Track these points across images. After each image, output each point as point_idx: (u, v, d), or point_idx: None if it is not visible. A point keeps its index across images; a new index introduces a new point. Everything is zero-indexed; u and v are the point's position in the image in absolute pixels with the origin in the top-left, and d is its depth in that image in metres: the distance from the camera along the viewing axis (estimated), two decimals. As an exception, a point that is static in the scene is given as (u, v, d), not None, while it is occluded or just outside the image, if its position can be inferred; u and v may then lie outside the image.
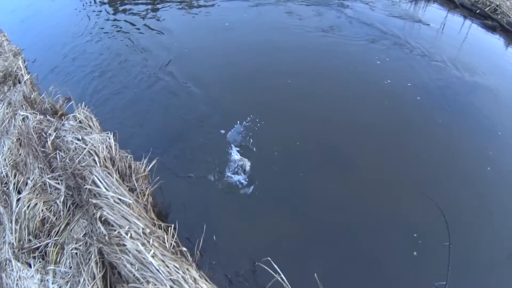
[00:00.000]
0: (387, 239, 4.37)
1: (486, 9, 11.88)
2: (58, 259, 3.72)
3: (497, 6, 11.79)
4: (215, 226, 3.91)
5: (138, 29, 8.10)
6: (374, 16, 10.15)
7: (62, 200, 3.90)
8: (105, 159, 3.81)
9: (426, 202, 4.76)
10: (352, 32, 9.02)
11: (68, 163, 3.97)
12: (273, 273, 3.32)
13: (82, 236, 3.75)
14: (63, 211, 3.88)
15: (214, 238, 3.80)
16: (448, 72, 8.03)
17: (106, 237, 3.48)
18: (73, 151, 3.97)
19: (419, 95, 7.00)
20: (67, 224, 3.87)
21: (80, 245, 3.69)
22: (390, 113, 6.37)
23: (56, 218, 3.86)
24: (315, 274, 3.43)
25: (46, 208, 3.88)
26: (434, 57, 8.52)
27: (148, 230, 3.41)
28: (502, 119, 6.91)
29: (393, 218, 4.61)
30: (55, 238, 3.80)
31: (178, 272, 3.27)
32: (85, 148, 3.88)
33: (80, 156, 3.87)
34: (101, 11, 8.89)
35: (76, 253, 3.66)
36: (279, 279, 3.32)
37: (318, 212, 4.48)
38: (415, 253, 4.23)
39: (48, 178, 4.05)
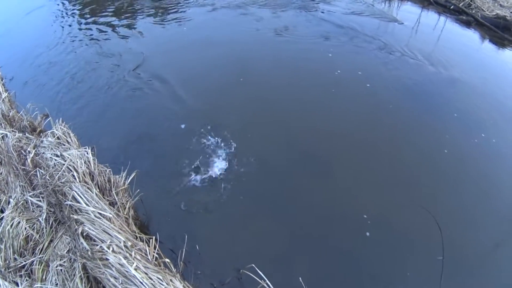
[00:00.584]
0: (369, 240, 4.43)
1: (460, 4, 12.04)
2: (44, 277, 3.77)
3: (471, 1, 11.95)
4: (198, 236, 3.96)
5: (109, 38, 8.11)
6: (348, 18, 10.21)
7: (44, 217, 3.94)
8: (84, 174, 3.84)
9: (406, 200, 4.94)
10: (325, 35, 9.07)
11: (49, 179, 4.00)
12: (258, 279, 3.39)
13: (66, 252, 3.79)
14: (46, 228, 3.92)
15: (198, 247, 3.85)
16: (424, 69, 8.16)
17: (89, 252, 3.53)
18: (52, 167, 4.00)
19: (395, 95, 7.10)
20: (51, 241, 3.91)
21: (64, 262, 3.74)
22: (365, 114, 6.44)
23: (40, 236, 3.90)
24: (300, 278, 3.50)
25: (29, 226, 3.92)
26: (410, 55, 8.64)
27: (129, 243, 3.46)
28: (481, 112, 7.03)
29: (374, 219, 4.66)
30: (39, 256, 3.84)
31: (161, 284, 3.33)
32: (63, 164, 3.91)
33: (60, 173, 3.91)
34: (73, 23, 8.88)
35: (62, 270, 3.71)
36: (265, 285, 3.38)
37: (299, 216, 4.54)
38: (399, 252, 4.34)
39: (30, 196, 4.08)
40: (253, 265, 3.47)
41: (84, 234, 3.61)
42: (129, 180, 3.92)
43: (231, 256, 3.91)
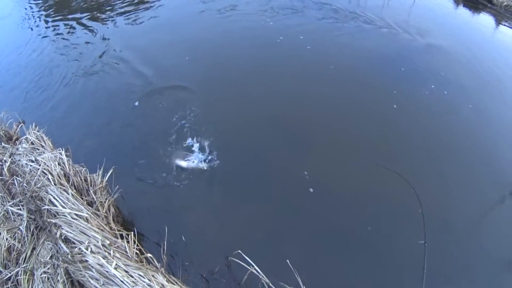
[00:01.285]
0: (353, 213, 4.37)
1: (433, -30, 11.95)
2: (30, 286, 3.69)
3: (444, -35, 11.85)
4: (183, 227, 3.85)
5: (78, 37, 8.03)
6: None
7: (25, 225, 3.85)
8: (59, 177, 3.74)
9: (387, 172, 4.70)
10: (297, 11, 8.98)
11: (26, 186, 3.91)
12: (246, 266, 3.23)
13: (49, 259, 3.69)
14: (27, 236, 3.83)
15: (184, 239, 3.71)
16: (400, 37, 8.15)
17: (69, 256, 3.42)
18: (28, 174, 3.92)
19: (373, 65, 7.04)
20: (33, 248, 3.82)
21: (48, 268, 3.64)
22: (344, 87, 6.39)
23: (22, 245, 3.81)
24: (287, 261, 3.31)
25: (10, 236, 3.84)
26: (384, 24, 8.60)
27: (107, 242, 3.33)
28: (457, 74, 7.06)
29: (357, 192, 4.60)
30: (23, 265, 3.75)
31: (143, 280, 3.19)
32: (38, 169, 3.82)
33: (35, 178, 3.82)
34: (40, 25, 8.79)
35: (47, 277, 3.61)
36: (253, 271, 3.22)
37: (283, 196, 4.45)
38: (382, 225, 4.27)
39: (10, 206, 4.01)
40: (239, 251, 3.32)
41: (63, 237, 3.51)
42: (106, 177, 3.80)
43: (219, 243, 3.80)
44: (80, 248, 3.34)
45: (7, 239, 3.82)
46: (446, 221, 4.39)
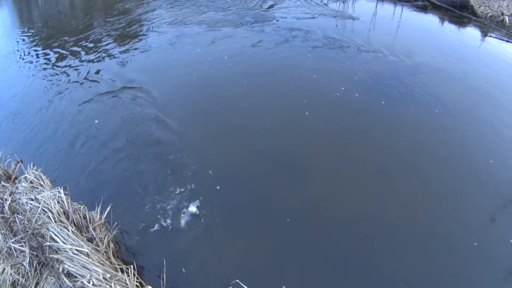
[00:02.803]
0: (351, 238, 4.63)
1: (413, -10, 12.51)
2: (35, 320, 4.03)
3: (423, -15, 12.44)
4: (183, 260, 4.13)
5: (68, 74, 8.30)
6: (304, 21, 10.63)
7: (28, 261, 4.18)
8: (59, 214, 4.08)
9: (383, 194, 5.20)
10: (284, 40, 9.44)
11: (27, 224, 4.25)
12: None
13: (53, 293, 4.05)
14: (30, 272, 4.16)
15: (184, 271, 4.07)
16: (386, 60, 8.52)
17: (72, 290, 3.78)
18: (29, 211, 4.26)
19: (359, 91, 7.41)
20: (37, 283, 4.16)
21: (52, 303, 4.00)
22: (333, 114, 6.74)
23: (25, 280, 4.15)
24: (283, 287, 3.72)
25: (14, 272, 4.17)
26: (371, 49, 9.00)
27: (108, 275, 3.70)
28: (447, 92, 7.41)
29: (355, 216, 4.88)
30: (28, 301, 4.10)
31: (143, 311, 3.57)
32: (38, 207, 4.18)
33: (36, 216, 4.17)
34: (33, 60, 9.15)
35: (52, 312, 3.96)
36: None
37: (279, 223, 4.73)
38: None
39: (12, 243, 4.34)
40: (237, 280, 3.70)
41: (66, 272, 3.87)
42: (105, 214, 4.16)
43: (218, 274, 4.05)
44: (82, 282, 3.69)
45: (11, 274, 4.16)
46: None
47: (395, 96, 7.29)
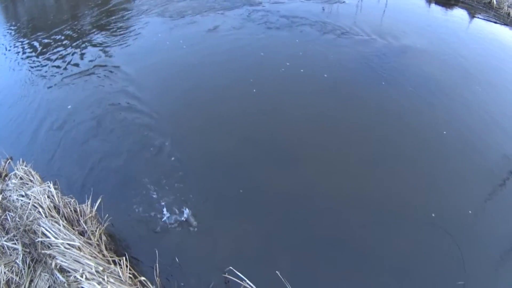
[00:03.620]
0: (343, 221, 4.68)
1: (401, -29, 12.51)
2: (31, 318, 4.02)
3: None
4: (176, 249, 4.14)
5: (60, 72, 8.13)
6: (290, 8, 10.49)
7: (21, 259, 4.17)
8: (49, 209, 4.06)
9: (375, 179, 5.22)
10: (272, 27, 9.36)
11: (19, 221, 4.23)
12: (239, 281, 3.56)
13: (47, 289, 4.03)
14: (24, 269, 4.14)
15: (177, 260, 4.04)
16: (374, 43, 8.55)
17: (66, 284, 3.75)
18: (20, 208, 4.24)
19: (350, 73, 7.47)
20: (31, 280, 4.14)
21: (47, 299, 3.98)
22: (322, 97, 6.77)
23: (19, 277, 4.13)
24: (277, 272, 3.66)
25: (8, 270, 4.16)
26: (358, 32, 9.01)
27: (101, 268, 3.66)
28: (433, 73, 7.44)
29: (344, 201, 4.92)
30: (23, 299, 4.09)
31: (137, 302, 3.53)
32: (29, 203, 4.15)
33: (27, 212, 4.15)
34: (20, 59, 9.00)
35: (47, 309, 3.95)
36: (246, 285, 3.55)
37: (272, 209, 4.75)
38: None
39: (5, 241, 4.34)
40: (231, 267, 3.66)
41: (58, 267, 3.85)
42: (95, 207, 4.12)
43: (213, 262, 4.07)
44: (75, 276, 3.67)
45: (5, 272, 4.14)
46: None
47: (382, 78, 7.31)
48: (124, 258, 3.63)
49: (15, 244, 4.33)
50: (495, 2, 11.67)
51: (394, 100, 6.76)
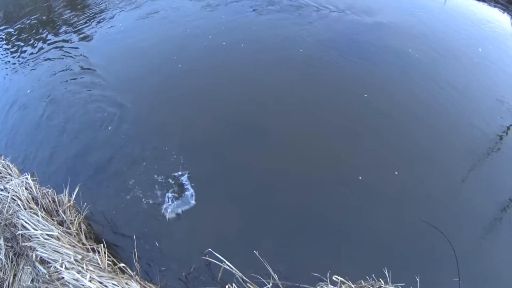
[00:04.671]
0: (319, 200, 4.71)
1: None
2: (17, 314, 4.04)
3: None
4: (156, 234, 4.14)
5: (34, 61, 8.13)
6: None
7: (3, 253, 4.20)
8: (28, 201, 4.06)
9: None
10: (245, 5, 9.27)
11: (-1, 215, 4.27)
12: (218, 263, 3.52)
13: (31, 283, 4.04)
14: (7, 264, 4.16)
15: (157, 245, 4.02)
16: (348, 19, 8.56)
17: (47, 276, 3.76)
18: (-1, 202, 4.26)
19: (325, 50, 7.44)
20: (15, 275, 4.18)
21: (31, 292, 4.00)
22: (296, 76, 6.74)
23: (3, 273, 4.17)
24: (255, 252, 3.60)
25: (-9, 266, 4.21)
26: (332, 8, 8.94)
27: (79, 256, 3.65)
28: (407, 49, 7.47)
29: (320, 178, 4.95)
30: (7, 294, 4.12)
31: (117, 288, 3.51)
32: (8, 196, 4.16)
33: (6, 205, 4.16)
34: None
35: (31, 302, 3.96)
36: (226, 267, 3.51)
37: (247, 190, 4.77)
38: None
39: (-13, 237, 4.37)
40: (210, 249, 3.61)
41: (39, 258, 3.85)
42: (73, 196, 4.11)
43: (193, 246, 4.06)
44: (55, 267, 3.67)
45: (-12, 269, 4.19)
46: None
47: (356, 54, 7.31)
48: (102, 245, 3.61)
49: (-3, 239, 4.35)
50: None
51: (367, 75, 6.77)
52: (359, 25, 8.34)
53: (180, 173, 4.99)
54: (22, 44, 8.58)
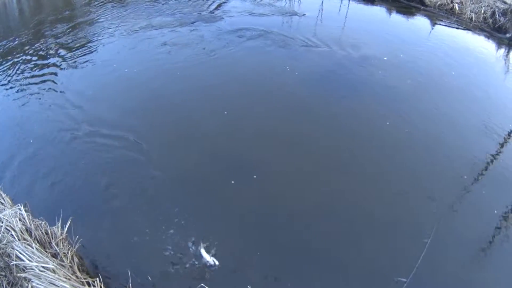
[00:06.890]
0: (309, 229, 5.15)
1: (361, -18, 12.54)
2: None
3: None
4: (148, 267, 4.50)
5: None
6: (252, 20, 11.06)
7: (-3, 282, 4.56)
8: (21, 232, 4.40)
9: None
10: (230, 41, 9.79)
11: (-8, 245, 4.60)
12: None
13: (25, 312, 4.42)
14: (0, 294, 4.54)
15: (150, 279, 4.44)
16: (334, 55, 9.11)
17: (42, 307, 4.15)
18: (-8, 232, 4.59)
19: (310, 86, 7.96)
20: (8, 304, 4.55)
21: (25, 322, 4.37)
22: (281, 112, 7.27)
23: (-5, 303, 4.53)
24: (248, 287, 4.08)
25: (-16, 294, 4.55)
26: (318, 44, 9.53)
27: (75, 290, 4.06)
28: (392, 82, 8.06)
29: (311, 210, 5.44)
30: (0, 323, 4.47)
31: (112, 321, 3.94)
32: (1, 226, 4.50)
33: (0, 235, 4.50)
34: None
35: (25, 334, 4.34)
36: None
37: (240, 223, 5.22)
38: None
39: (-20, 267, 4.70)
40: (202, 284, 4.06)
41: (33, 290, 4.23)
42: (66, 229, 4.48)
43: (184, 277, 4.45)
44: (51, 299, 4.07)
45: (-18, 298, 4.53)
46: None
47: (343, 88, 7.88)
48: (97, 279, 4.00)
49: (-10, 268, 4.69)
50: (457, 8, 12.24)
51: (355, 110, 7.34)
52: (344, 60, 8.91)
53: (171, 205, 5.39)
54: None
